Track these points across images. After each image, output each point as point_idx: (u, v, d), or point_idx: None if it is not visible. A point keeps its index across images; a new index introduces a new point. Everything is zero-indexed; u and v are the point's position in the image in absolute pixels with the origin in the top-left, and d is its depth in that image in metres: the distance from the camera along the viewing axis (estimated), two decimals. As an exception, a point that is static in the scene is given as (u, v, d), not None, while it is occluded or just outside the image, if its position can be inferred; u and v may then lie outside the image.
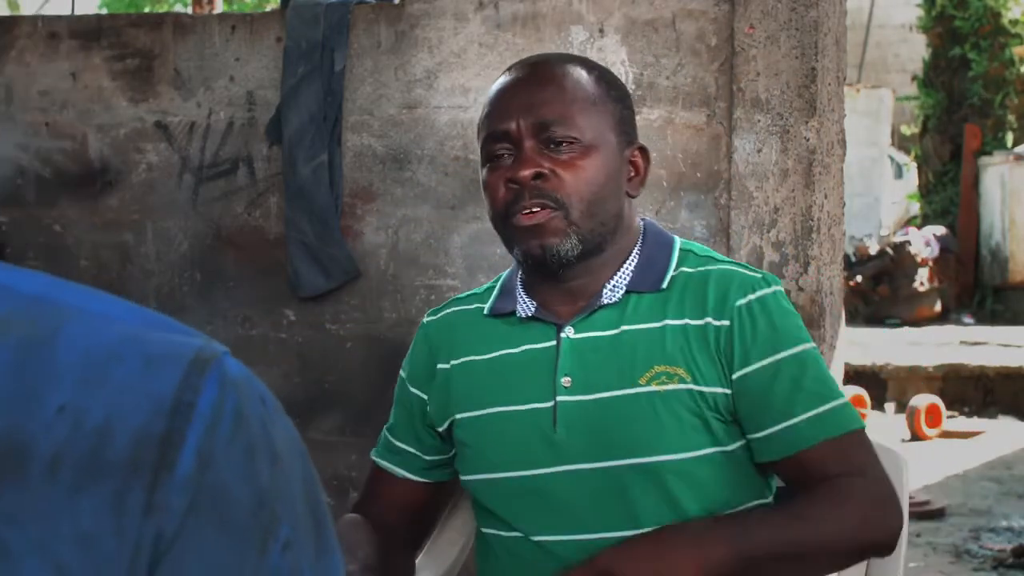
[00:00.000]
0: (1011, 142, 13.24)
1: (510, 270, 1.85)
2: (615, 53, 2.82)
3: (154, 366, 0.66)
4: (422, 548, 1.96)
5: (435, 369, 1.83)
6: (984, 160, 13.07)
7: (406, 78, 2.96)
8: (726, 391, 1.68)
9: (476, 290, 1.90)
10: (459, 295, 1.92)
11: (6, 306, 0.67)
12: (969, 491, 6.05)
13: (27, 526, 0.63)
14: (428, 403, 1.84)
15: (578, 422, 1.69)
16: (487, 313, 1.82)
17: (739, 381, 1.68)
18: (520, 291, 1.79)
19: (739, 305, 1.69)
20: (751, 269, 1.76)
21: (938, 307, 12.21)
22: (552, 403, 1.71)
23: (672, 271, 1.74)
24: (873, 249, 12.50)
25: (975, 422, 8.09)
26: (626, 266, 1.75)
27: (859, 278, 12.12)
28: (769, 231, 2.71)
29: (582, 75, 1.75)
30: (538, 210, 1.68)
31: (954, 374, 8.63)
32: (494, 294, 1.84)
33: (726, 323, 1.68)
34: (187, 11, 11.58)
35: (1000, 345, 9.75)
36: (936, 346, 9.68)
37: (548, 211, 1.68)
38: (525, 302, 1.77)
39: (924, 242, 12.39)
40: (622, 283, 1.74)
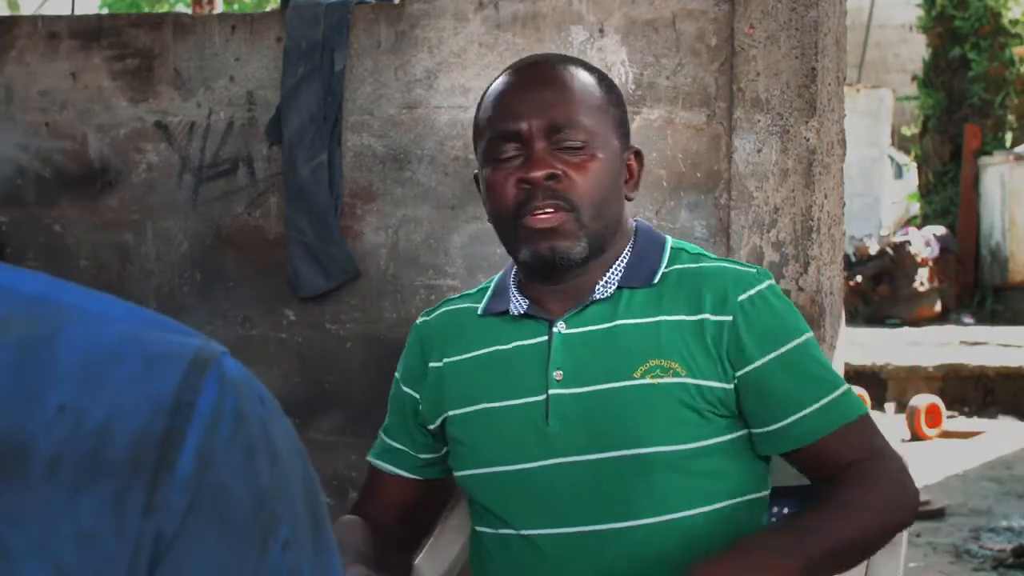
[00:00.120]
0: (1011, 142, 13.23)
1: (504, 271, 1.86)
2: (615, 53, 2.82)
3: (154, 366, 0.66)
4: (419, 547, 1.97)
5: (427, 368, 1.84)
6: (984, 160, 13.07)
7: (406, 78, 2.96)
8: (725, 386, 1.69)
9: (469, 292, 1.91)
10: (452, 296, 1.94)
11: (6, 306, 0.67)
12: (969, 491, 6.05)
13: (27, 526, 0.63)
14: (420, 402, 1.85)
15: (571, 415, 1.70)
16: (481, 313, 1.83)
17: (746, 376, 1.69)
18: (513, 290, 1.80)
19: (741, 300, 1.70)
20: (743, 264, 1.79)
21: (938, 307, 12.20)
22: (544, 396, 1.72)
23: (664, 267, 1.76)
24: (873, 249, 12.50)
25: (975, 422, 8.09)
26: (618, 263, 1.77)
27: (859, 278, 12.12)
28: (769, 231, 2.71)
29: (587, 78, 1.76)
30: (551, 212, 1.68)
31: (954, 374, 8.63)
32: (488, 295, 1.85)
33: (728, 319, 1.69)
34: (187, 11, 11.58)
35: (1000, 345, 9.75)
36: (936, 346, 9.68)
37: (562, 213, 1.68)
38: (518, 300, 1.78)
39: (924, 242, 12.39)
40: (614, 279, 1.75)
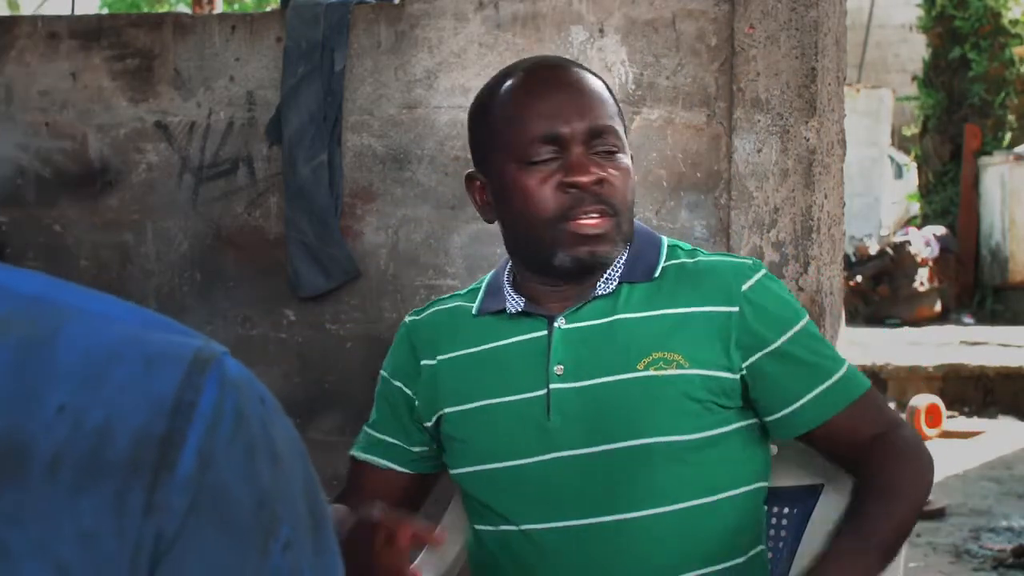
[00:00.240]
0: (1011, 142, 13.23)
1: (495, 271, 1.85)
2: (615, 53, 2.82)
3: (154, 366, 0.66)
4: None
5: (419, 366, 1.83)
6: (984, 160, 13.07)
7: (406, 78, 2.96)
8: (730, 376, 1.71)
9: (458, 292, 1.90)
10: (442, 297, 1.92)
11: (6, 306, 0.67)
12: (969, 491, 6.04)
13: (27, 526, 0.63)
14: (416, 398, 1.84)
15: (573, 409, 1.70)
16: (476, 313, 1.82)
17: (757, 363, 1.71)
18: (508, 289, 1.79)
19: (744, 290, 1.72)
20: (736, 257, 1.82)
21: (938, 307, 12.20)
22: (545, 391, 1.72)
23: (663, 263, 1.77)
24: (873, 249, 12.50)
25: (975, 422, 8.08)
26: (619, 260, 1.77)
27: (859, 278, 12.11)
28: (769, 231, 2.71)
29: (603, 84, 1.78)
30: (598, 217, 1.69)
31: (954, 374, 8.62)
32: (480, 295, 1.84)
33: (735, 309, 1.71)
34: (187, 11, 11.58)
35: (1000, 345, 9.74)
36: (936, 346, 9.67)
37: (606, 218, 1.69)
38: (514, 299, 1.78)
39: (924, 242, 12.38)
40: (614, 275, 1.76)
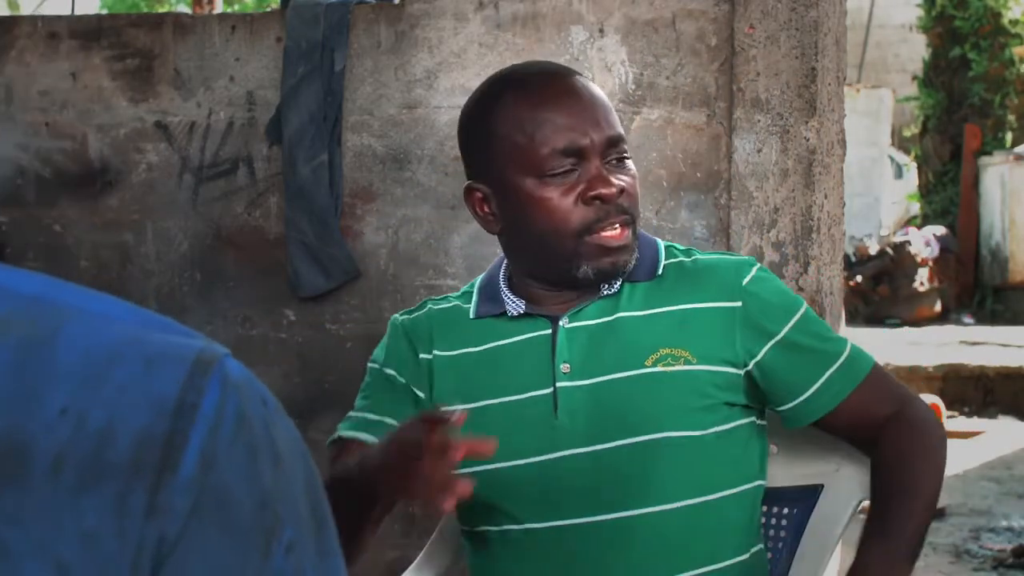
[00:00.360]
0: (1011, 142, 13.24)
1: (486, 275, 1.83)
2: (615, 53, 2.82)
3: (155, 367, 0.66)
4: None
5: (418, 359, 1.79)
6: (984, 160, 13.08)
7: (406, 78, 2.96)
8: (737, 371, 1.71)
9: (450, 295, 1.86)
10: (433, 298, 1.88)
11: (6, 306, 0.67)
12: (969, 491, 6.04)
13: (29, 527, 0.63)
14: (411, 386, 1.78)
15: (581, 407, 1.70)
16: (473, 316, 1.80)
17: (764, 356, 1.72)
18: (506, 291, 1.78)
19: (745, 285, 1.73)
20: (731, 254, 1.84)
21: (938, 307, 12.21)
22: (551, 389, 1.71)
23: (663, 261, 1.77)
24: (873, 249, 12.51)
25: (975, 422, 8.08)
26: None
27: (859, 278, 12.12)
28: (769, 231, 2.71)
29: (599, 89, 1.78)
30: (621, 228, 1.69)
31: (954, 374, 8.62)
32: (475, 299, 1.81)
33: (738, 304, 1.72)
34: (187, 11, 11.58)
35: (1000, 345, 9.75)
36: (936, 346, 9.68)
37: (627, 228, 1.70)
38: (514, 301, 1.77)
39: (924, 242, 12.39)
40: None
